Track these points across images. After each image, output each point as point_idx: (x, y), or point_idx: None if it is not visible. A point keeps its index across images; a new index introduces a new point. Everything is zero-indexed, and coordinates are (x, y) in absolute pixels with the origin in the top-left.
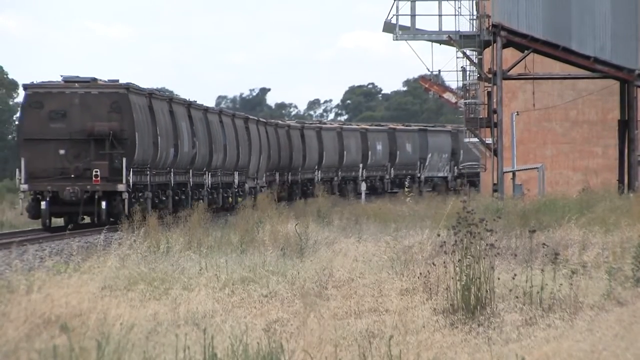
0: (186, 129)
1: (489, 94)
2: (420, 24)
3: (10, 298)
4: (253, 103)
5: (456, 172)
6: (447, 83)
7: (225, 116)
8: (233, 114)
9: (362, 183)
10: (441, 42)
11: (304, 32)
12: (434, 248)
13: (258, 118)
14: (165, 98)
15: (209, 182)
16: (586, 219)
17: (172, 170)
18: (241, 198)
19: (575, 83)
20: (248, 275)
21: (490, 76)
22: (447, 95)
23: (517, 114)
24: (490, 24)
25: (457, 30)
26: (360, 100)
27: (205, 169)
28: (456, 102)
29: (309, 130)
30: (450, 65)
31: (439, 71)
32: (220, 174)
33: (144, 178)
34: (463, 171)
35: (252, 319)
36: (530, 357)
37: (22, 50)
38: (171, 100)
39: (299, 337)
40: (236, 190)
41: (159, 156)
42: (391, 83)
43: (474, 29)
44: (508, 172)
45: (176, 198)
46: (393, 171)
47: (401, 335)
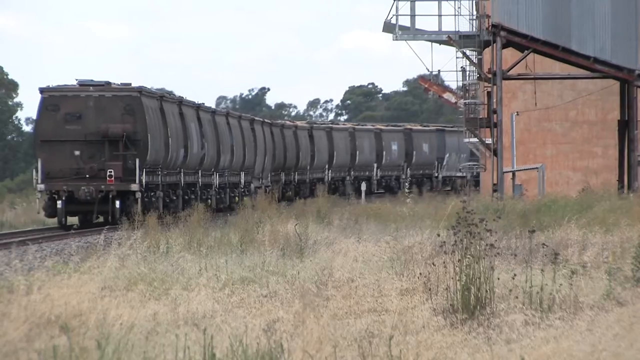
0: (195, 131)
1: (489, 94)
2: (420, 24)
3: (10, 298)
4: (253, 103)
5: (475, 172)
6: (447, 83)
7: (232, 118)
8: (239, 116)
9: (362, 183)
10: (441, 42)
11: (304, 32)
12: (434, 248)
13: (263, 119)
14: (175, 101)
15: (217, 182)
16: (586, 219)
17: (182, 170)
18: (247, 197)
19: (575, 83)
20: (248, 275)
21: (490, 76)
22: (447, 95)
23: (517, 114)
24: (490, 24)
25: (457, 30)
26: (360, 100)
27: (213, 170)
28: (456, 102)
29: (319, 130)
30: (450, 65)
31: (439, 71)
32: (227, 174)
33: (156, 178)
34: (462, 171)
35: (252, 319)
36: (530, 357)
37: (22, 50)
38: (181, 102)
39: (299, 337)
40: (242, 190)
41: (170, 157)
42: (391, 83)
43: (474, 29)
44: (508, 172)
45: (186, 198)
46: (409, 171)
47: (401, 335)
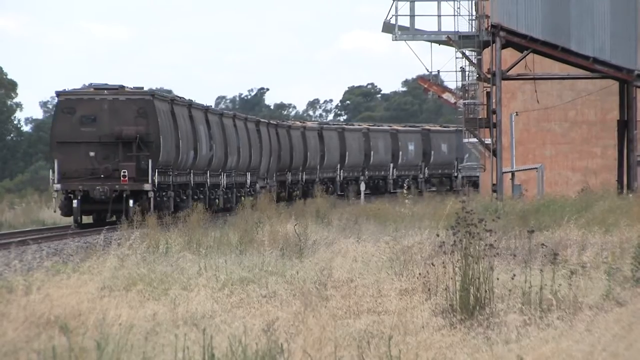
0: (204, 133)
1: (488, 95)
2: (419, 25)
3: (9, 298)
4: (252, 103)
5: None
6: (446, 83)
7: (238, 120)
8: (245, 118)
9: (362, 183)
10: (440, 43)
11: (304, 32)
12: (433, 248)
13: (269, 121)
14: (185, 104)
15: (225, 183)
16: (585, 220)
17: (192, 171)
18: (252, 197)
19: (574, 83)
20: (247, 275)
21: (489, 76)
22: (446, 95)
23: (516, 115)
24: (489, 25)
25: (456, 30)
26: (359, 100)
27: (220, 170)
28: (455, 103)
29: (329, 131)
30: (449, 65)
31: (438, 71)
32: (234, 175)
33: (167, 178)
34: (462, 172)
35: (251, 319)
36: (529, 358)
37: (22, 51)
38: (190, 105)
39: (298, 337)
40: (248, 189)
41: (180, 158)
42: (390, 83)
43: (473, 30)
44: (507, 173)
45: (195, 197)
46: (427, 171)
47: (400, 335)
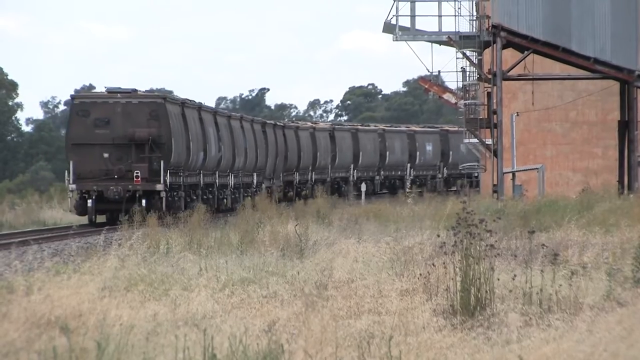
0: (213, 135)
1: (489, 95)
2: (420, 25)
3: (10, 299)
4: (253, 103)
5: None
6: (447, 84)
7: (245, 121)
8: (252, 119)
9: (363, 184)
10: (441, 43)
11: (304, 32)
12: (434, 249)
13: (275, 122)
14: (195, 106)
15: (232, 183)
16: (586, 220)
17: (202, 172)
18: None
19: (575, 84)
20: (248, 276)
21: (490, 77)
22: (447, 96)
23: (517, 115)
24: (490, 25)
25: (457, 31)
26: (360, 100)
27: (228, 171)
28: (456, 103)
29: (342, 132)
30: (450, 65)
31: (439, 72)
32: (241, 175)
33: (178, 179)
34: (463, 172)
35: (252, 320)
36: (530, 358)
37: (22, 51)
38: (200, 108)
39: (299, 338)
40: (255, 189)
41: (191, 159)
42: (391, 84)
43: (474, 30)
44: (508, 173)
45: (204, 197)
46: (446, 170)
47: (401, 336)
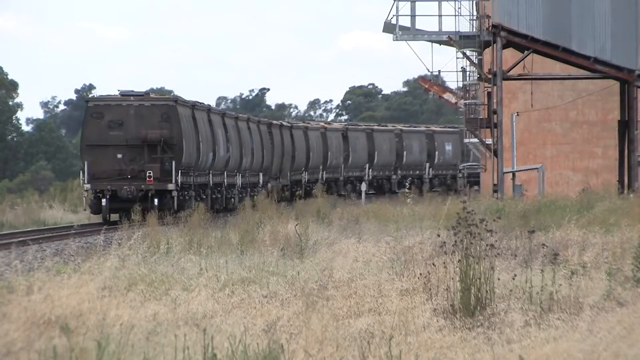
0: (222, 136)
1: (489, 95)
2: (420, 25)
3: (10, 299)
4: (253, 104)
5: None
6: (447, 83)
7: (251, 123)
8: (258, 121)
9: (363, 183)
10: (441, 43)
11: (304, 32)
12: (434, 248)
13: (281, 122)
14: (204, 109)
15: (240, 182)
16: (586, 220)
17: (211, 172)
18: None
19: (575, 83)
20: (248, 275)
21: (490, 77)
22: (447, 95)
23: (517, 115)
24: (490, 25)
25: (457, 30)
26: (360, 100)
27: (236, 171)
28: (456, 103)
29: (356, 132)
30: (450, 65)
31: (439, 71)
32: (247, 175)
33: (189, 179)
34: (464, 172)
35: (252, 320)
36: (530, 358)
37: (22, 51)
38: (209, 110)
39: (300, 338)
40: (261, 189)
41: (201, 159)
42: (391, 83)
43: (474, 30)
44: (508, 173)
45: (213, 197)
46: (467, 170)
47: (401, 335)
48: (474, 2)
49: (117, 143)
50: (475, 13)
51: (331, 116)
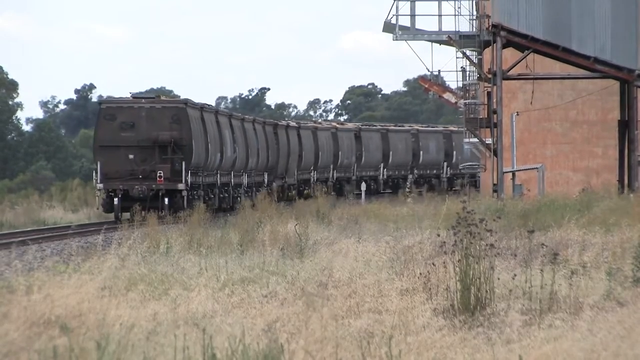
0: (229, 137)
1: (489, 94)
2: (420, 24)
3: (10, 298)
4: (252, 103)
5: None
6: (447, 83)
7: (257, 124)
8: (264, 122)
9: (363, 183)
10: (441, 43)
11: (304, 32)
12: (434, 248)
13: (287, 123)
14: (212, 110)
15: (246, 182)
16: (586, 219)
17: (219, 172)
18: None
19: (575, 83)
20: (248, 275)
21: (490, 76)
22: (447, 95)
23: (517, 114)
24: (490, 24)
25: (457, 30)
26: (360, 100)
27: (242, 171)
28: (456, 103)
29: (370, 132)
30: (450, 65)
31: (439, 71)
32: (253, 175)
33: (198, 179)
34: (463, 171)
35: (252, 320)
36: (530, 358)
37: (22, 50)
38: (217, 112)
39: (299, 337)
40: (266, 188)
41: (209, 160)
42: (391, 83)
43: (474, 29)
44: (508, 173)
45: (221, 196)
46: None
47: (401, 335)
48: (474, 2)
49: (129, 144)
50: (475, 13)
51: (331, 116)
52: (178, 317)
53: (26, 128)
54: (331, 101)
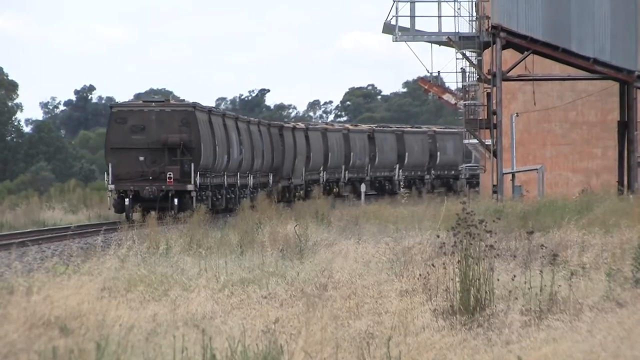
0: (235, 139)
1: (489, 95)
2: (419, 25)
3: (10, 299)
4: (252, 104)
5: None
6: (447, 84)
7: (262, 126)
8: (269, 124)
9: (363, 184)
10: (441, 44)
11: (304, 33)
12: (434, 249)
13: (294, 125)
14: (220, 113)
15: (251, 183)
16: (586, 220)
17: (226, 173)
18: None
19: (574, 84)
20: (247, 276)
21: (489, 77)
22: (447, 96)
23: (517, 115)
24: (489, 25)
25: (457, 31)
26: (360, 101)
27: (248, 172)
28: (456, 104)
29: (383, 133)
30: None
31: (439, 72)
32: (258, 176)
33: (206, 180)
34: (463, 172)
35: (252, 320)
36: (529, 359)
37: (22, 51)
38: (224, 115)
39: (299, 338)
40: (270, 188)
41: (217, 161)
42: (391, 84)
43: (474, 30)
44: (507, 174)
45: (227, 197)
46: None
47: (401, 336)
48: (474, 3)
49: (140, 146)
50: (474, 14)
51: (331, 117)
52: (178, 318)
53: (26, 129)
54: (331, 102)
